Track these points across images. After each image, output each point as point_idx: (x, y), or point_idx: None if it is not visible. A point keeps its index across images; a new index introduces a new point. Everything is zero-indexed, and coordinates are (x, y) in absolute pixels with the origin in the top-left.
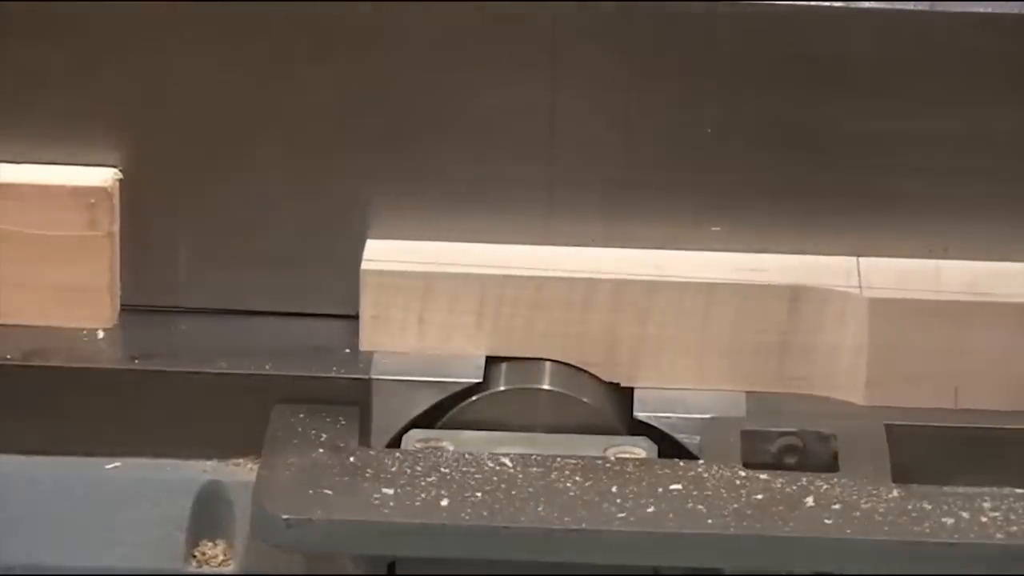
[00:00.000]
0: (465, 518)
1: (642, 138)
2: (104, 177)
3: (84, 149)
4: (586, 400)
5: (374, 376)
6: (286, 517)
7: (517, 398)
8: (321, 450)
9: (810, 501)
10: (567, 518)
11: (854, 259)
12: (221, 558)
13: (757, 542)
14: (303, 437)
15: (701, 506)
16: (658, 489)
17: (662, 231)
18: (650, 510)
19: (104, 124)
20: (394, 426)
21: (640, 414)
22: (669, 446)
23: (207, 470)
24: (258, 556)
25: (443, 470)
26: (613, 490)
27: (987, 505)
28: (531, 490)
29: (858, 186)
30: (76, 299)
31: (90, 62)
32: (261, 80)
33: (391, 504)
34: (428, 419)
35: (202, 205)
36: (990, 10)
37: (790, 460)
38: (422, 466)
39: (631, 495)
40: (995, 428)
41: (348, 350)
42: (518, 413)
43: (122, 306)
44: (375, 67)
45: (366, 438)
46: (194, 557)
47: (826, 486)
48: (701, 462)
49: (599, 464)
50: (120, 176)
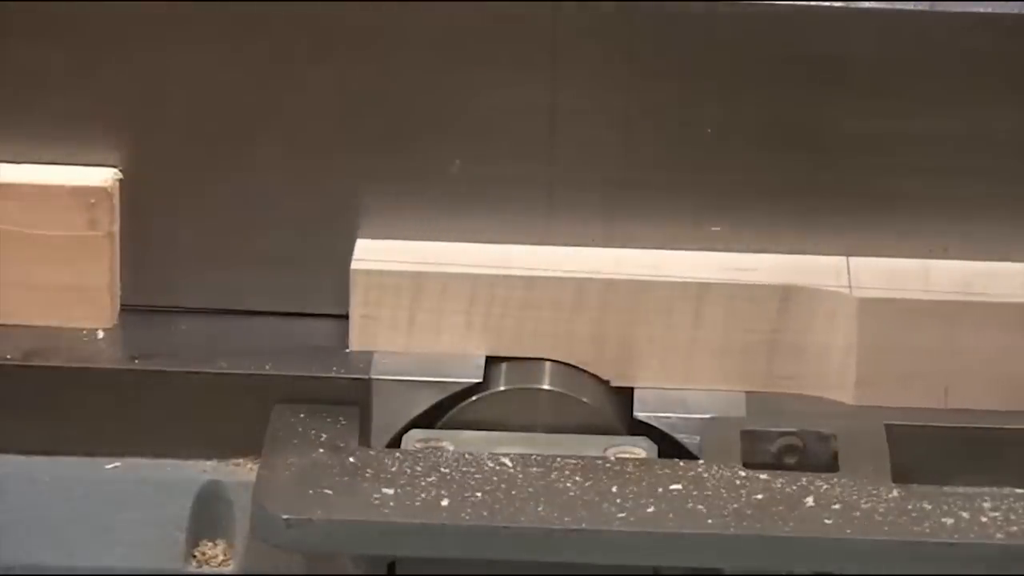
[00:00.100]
0: (465, 518)
1: (642, 138)
2: (104, 177)
3: (84, 149)
4: (586, 400)
5: (374, 376)
6: (286, 517)
7: (517, 398)
8: (321, 450)
9: (810, 501)
10: (567, 518)
11: (844, 259)
12: (221, 558)
13: (757, 542)
14: (303, 437)
15: (701, 506)
16: (658, 489)
17: (662, 231)
18: (650, 510)
19: (104, 124)
20: (394, 426)
21: (640, 414)
22: (669, 446)
23: (207, 470)
24: (258, 556)
25: (443, 470)
26: (613, 490)
27: (987, 505)
28: (531, 490)
29: (858, 186)
30: (76, 299)
31: (90, 62)
32: (261, 80)
33: (391, 504)
34: (428, 419)
35: (202, 205)
36: (990, 10)
37: (790, 460)
38: (422, 466)
39: (631, 495)
40: (995, 428)
41: (348, 350)
42: (518, 413)
43: (122, 306)
44: (375, 67)
45: (366, 438)
46: (194, 557)
47: (826, 486)
48: (701, 462)
49: (599, 464)
50: (120, 176)
